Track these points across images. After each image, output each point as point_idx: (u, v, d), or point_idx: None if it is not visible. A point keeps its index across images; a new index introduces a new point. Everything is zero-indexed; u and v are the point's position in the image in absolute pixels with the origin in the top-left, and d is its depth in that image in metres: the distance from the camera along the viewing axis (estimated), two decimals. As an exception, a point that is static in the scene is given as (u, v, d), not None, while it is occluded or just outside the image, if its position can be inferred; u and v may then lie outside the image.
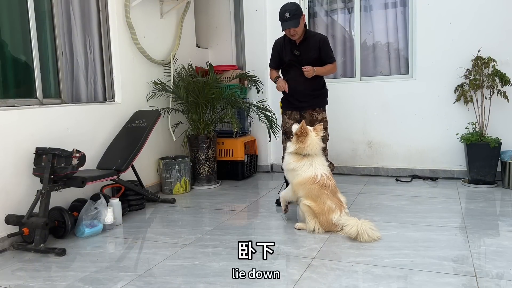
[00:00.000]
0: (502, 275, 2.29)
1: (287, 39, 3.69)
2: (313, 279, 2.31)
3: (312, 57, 3.63)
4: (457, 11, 4.49)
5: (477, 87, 4.28)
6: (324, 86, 3.82)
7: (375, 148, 5.00)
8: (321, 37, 3.70)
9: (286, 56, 3.70)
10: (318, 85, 3.73)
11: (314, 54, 3.63)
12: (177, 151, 4.90)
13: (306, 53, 3.64)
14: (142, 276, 2.42)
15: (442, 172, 4.72)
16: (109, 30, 4.00)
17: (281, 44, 3.75)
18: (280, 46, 3.75)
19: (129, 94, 4.16)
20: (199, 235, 3.10)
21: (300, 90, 3.68)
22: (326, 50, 3.65)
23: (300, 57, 3.65)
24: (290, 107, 3.79)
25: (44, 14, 3.49)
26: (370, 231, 2.83)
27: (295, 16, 3.45)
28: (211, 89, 4.49)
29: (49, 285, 2.37)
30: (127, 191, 3.76)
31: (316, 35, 3.71)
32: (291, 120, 3.75)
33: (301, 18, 3.51)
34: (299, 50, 3.65)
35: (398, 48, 4.95)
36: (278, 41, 3.80)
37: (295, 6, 3.51)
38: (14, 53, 3.31)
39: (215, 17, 5.61)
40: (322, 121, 3.72)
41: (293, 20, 3.46)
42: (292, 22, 3.46)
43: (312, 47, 3.63)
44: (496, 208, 3.61)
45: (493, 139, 4.22)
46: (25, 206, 3.02)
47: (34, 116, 3.19)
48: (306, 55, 3.64)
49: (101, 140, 3.78)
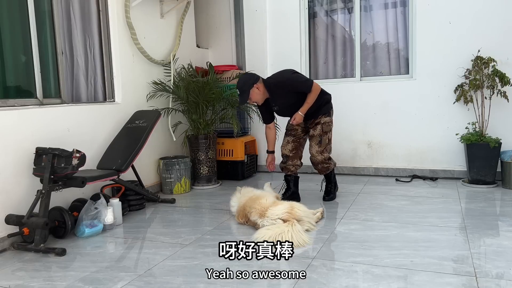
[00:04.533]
0: (502, 275, 2.29)
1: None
2: (313, 279, 2.31)
3: (290, 103, 3.68)
4: (457, 11, 4.49)
5: (477, 87, 4.28)
6: (323, 101, 3.76)
7: (375, 148, 5.00)
8: (281, 80, 3.66)
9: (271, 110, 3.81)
10: (315, 106, 3.71)
11: (289, 99, 3.67)
12: (177, 151, 4.90)
13: (282, 104, 3.73)
14: (142, 276, 2.43)
15: (442, 172, 4.72)
16: (109, 30, 4.00)
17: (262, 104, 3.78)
18: (263, 106, 3.80)
19: (129, 94, 4.16)
20: (199, 235, 3.10)
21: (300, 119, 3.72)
22: (295, 86, 3.62)
23: (281, 109, 3.79)
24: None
25: (44, 14, 3.49)
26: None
27: (243, 92, 3.58)
28: (211, 89, 4.49)
29: (49, 285, 2.37)
30: (127, 191, 3.76)
31: (278, 83, 3.66)
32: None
33: (253, 90, 3.57)
34: (275, 105, 3.75)
35: (398, 48, 4.95)
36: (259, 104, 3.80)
37: (241, 82, 3.63)
38: (14, 53, 3.31)
39: (215, 17, 5.61)
40: (323, 124, 3.74)
41: (242, 96, 3.61)
42: (242, 98, 3.62)
43: (283, 96, 3.67)
44: (496, 208, 3.61)
45: (493, 139, 4.22)
46: (25, 206, 3.02)
47: (34, 116, 3.19)
48: (283, 105, 3.74)
49: (101, 140, 3.78)
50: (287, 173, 3.93)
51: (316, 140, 3.75)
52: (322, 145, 3.75)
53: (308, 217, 3.14)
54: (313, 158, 3.80)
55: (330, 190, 3.97)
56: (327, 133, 3.77)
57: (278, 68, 5.22)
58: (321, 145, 3.75)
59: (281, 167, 3.95)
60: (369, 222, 3.28)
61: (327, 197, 3.94)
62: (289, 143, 3.87)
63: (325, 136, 3.76)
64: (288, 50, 5.23)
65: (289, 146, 3.87)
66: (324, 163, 3.81)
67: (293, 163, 3.87)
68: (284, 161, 3.91)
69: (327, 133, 3.77)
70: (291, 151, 3.86)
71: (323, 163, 3.80)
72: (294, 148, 3.86)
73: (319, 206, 3.61)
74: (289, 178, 3.92)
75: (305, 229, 2.99)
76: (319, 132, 3.74)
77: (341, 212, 3.58)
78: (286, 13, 5.19)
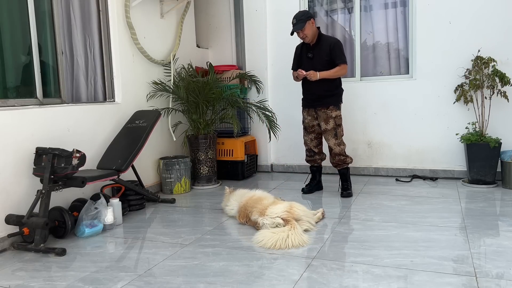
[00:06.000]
0: (502, 275, 2.29)
1: (304, 44, 4.05)
2: (313, 279, 2.31)
3: (324, 59, 3.93)
4: (457, 11, 4.49)
5: (477, 87, 4.28)
6: (338, 87, 4.06)
7: (375, 148, 5.00)
8: (333, 40, 4.00)
9: (303, 58, 4.05)
10: (331, 86, 3.98)
11: (326, 56, 3.92)
12: (177, 151, 4.90)
13: (318, 55, 3.95)
14: (142, 276, 2.43)
15: (442, 172, 4.72)
16: (109, 30, 4.00)
17: (300, 48, 4.13)
18: (299, 50, 4.13)
19: (129, 94, 4.16)
20: (199, 235, 3.10)
21: (314, 91, 3.99)
22: (335, 52, 3.90)
23: (313, 59, 3.97)
24: (307, 105, 4.13)
25: (44, 14, 3.49)
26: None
27: (300, 20, 3.84)
28: (211, 89, 4.49)
29: (49, 285, 2.37)
30: (127, 191, 3.76)
31: (329, 39, 4.02)
32: (309, 116, 4.11)
33: (308, 22, 3.84)
34: (312, 52, 3.98)
35: (398, 48, 4.95)
36: (298, 46, 4.17)
37: (302, 13, 3.92)
38: (14, 53, 3.31)
39: (215, 17, 5.61)
40: (335, 118, 4.00)
41: (298, 24, 3.84)
42: (297, 26, 3.85)
43: (324, 50, 3.93)
44: (496, 208, 3.61)
45: (493, 139, 4.22)
46: (25, 206, 3.02)
47: (34, 116, 3.19)
48: (318, 57, 3.95)
49: (101, 140, 3.78)
50: (313, 165, 4.27)
51: (332, 134, 4.01)
52: (338, 137, 4.03)
53: (308, 216, 3.15)
54: (333, 150, 4.05)
55: (347, 187, 4.14)
56: (340, 125, 4.04)
57: (278, 68, 5.27)
58: (337, 138, 4.03)
59: (307, 160, 4.28)
60: (369, 222, 3.28)
61: (345, 192, 4.10)
62: (313, 140, 4.16)
63: (339, 129, 4.03)
64: (288, 50, 5.21)
65: (313, 142, 4.16)
66: (342, 155, 4.05)
67: (320, 157, 4.23)
68: (311, 155, 4.21)
69: (340, 125, 4.04)
70: (316, 146, 4.17)
71: (341, 155, 4.05)
72: (318, 143, 4.19)
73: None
74: (315, 169, 4.30)
75: (303, 229, 3.00)
76: (333, 125, 3.99)
77: (341, 212, 3.58)
78: (286, 13, 5.18)
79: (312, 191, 4.25)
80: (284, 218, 3.01)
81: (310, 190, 4.24)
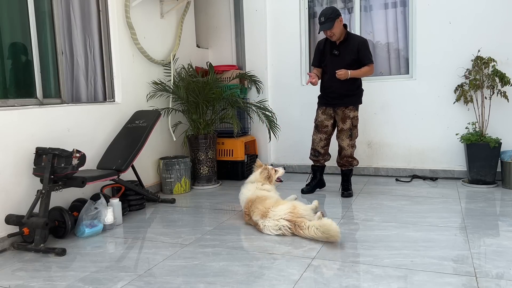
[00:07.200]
0: (502, 275, 2.29)
1: (328, 40, 3.95)
2: (313, 279, 2.31)
3: (350, 58, 3.87)
4: (457, 11, 4.49)
5: (477, 87, 4.28)
6: (359, 87, 4.03)
7: (375, 148, 5.00)
8: (361, 39, 3.95)
9: (326, 55, 3.97)
10: (353, 85, 3.95)
11: (353, 55, 3.87)
12: (177, 151, 4.90)
13: (344, 53, 3.89)
14: (142, 276, 2.43)
15: (442, 172, 4.72)
16: (109, 30, 4.00)
17: (323, 44, 4.03)
18: (322, 46, 4.03)
19: (129, 94, 4.16)
20: (199, 235, 3.10)
21: (335, 89, 3.93)
22: (364, 52, 3.86)
23: (339, 57, 3.90)
24: (325, 104, 4.05)
25: (44, 14, 3.49)
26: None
27: (329, 19, 3.73)
28: (211, 89, 4.49)
29: (49, 285, 2.37)
30: (127, 191, 3.76)
31: (356, 38, 3.97)
32: (324, 115, 4.04)
33: (337, 21, 3.76)
34: (338, 50, 3.91)
35: (398, 48, 4.95)
36: (321, 42, 4.08)
37: (330, 10, 3.78)
38: (14, 53, 3.31)
39: (215, 17, 5.61)
40: (353, 119, 3.97)
41: (327, 23, 3.74)
42: (326, 25, 3.75)
43: (351, 49, 3.87)
44: (496, 208, 3.61)
45: (493, 139, 4.22)
46: (25, 206, 3.02)
47: (34, 116, 3.19)
48: (344, 55, 3.89)
49: (101, 140, 3.78)
50: (315, 164, 4.22)
51: (347, 134, 3.99)
52: (352, 138, 4.01)
53: (309, 215, 3.15)
54: (344, 151, 4.03)
55: (347, 187, 4.14)
56: (356, 126, 4.01)
57: (278, 68, 5.27)
58: (352, 139, 4.01)
59: (311, 159, 4.23)
60: (369, 222, 3.28)
61: (345, 192, 4.09)
62: (322, 140, 4.10)
63: (354, 130, 4.01)
64: (288, 50, 5.23)
65: (321, 143, 4.11)
66: (350, 157, 4.06)
67: (324, 158, 4.19)
68: (315, 155, 4.16)
69: (356, 126, 4.01)
70: (323, 147, 4.13)
71: (350, 157, 4.06)
72: (325, 145, 4.14)
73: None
74: (317, 168, 4.25)
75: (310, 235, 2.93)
76: (349, 126, 3.97)
77: (341, 212, 3.58)
78: (286, 13, 5.20)
79: (312, 191, 4.24)
80: (288, 220, 3.00)
81: (310, 190, 4.23)
